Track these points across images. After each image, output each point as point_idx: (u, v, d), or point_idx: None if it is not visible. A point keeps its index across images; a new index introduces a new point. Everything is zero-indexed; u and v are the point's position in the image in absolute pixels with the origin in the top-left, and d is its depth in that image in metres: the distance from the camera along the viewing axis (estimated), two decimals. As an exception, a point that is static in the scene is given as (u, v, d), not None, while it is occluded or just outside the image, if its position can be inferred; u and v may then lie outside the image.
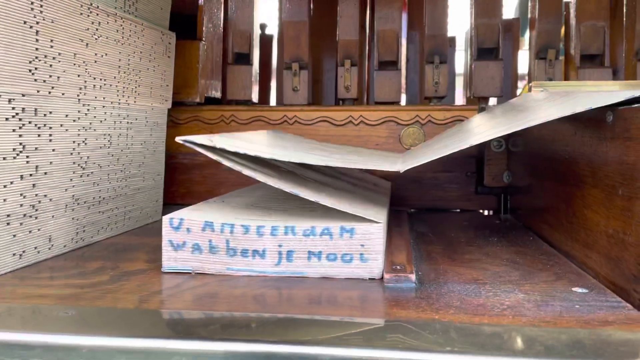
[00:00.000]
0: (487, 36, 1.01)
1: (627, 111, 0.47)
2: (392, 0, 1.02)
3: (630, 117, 0.47)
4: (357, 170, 0.92)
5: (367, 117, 1.01)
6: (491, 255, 0.64)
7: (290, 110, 1.03)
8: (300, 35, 1.03)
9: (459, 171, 1.01)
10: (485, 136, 0.60)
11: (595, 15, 0.98)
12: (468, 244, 0.71)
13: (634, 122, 0.46)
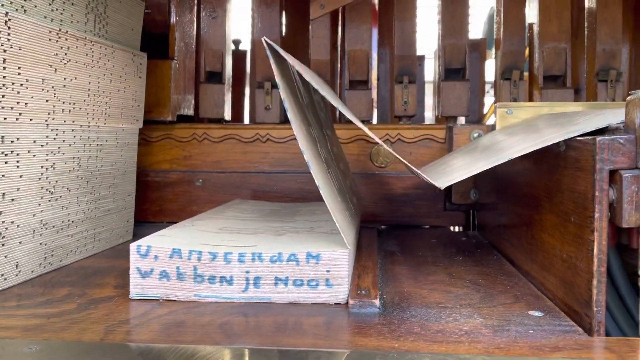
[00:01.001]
0: (454, 57, 1.03)
1: (577, 142, 0.50)
2: (362, 22, 1.04)
3: (580, 148, 0.49)
4: (350, 178, 0.94)
5: (339, 135, 1.03)
6: (455, 275, 0.66)
7: (263, 129, 1.04)
8: (272, 55, 1.04)
9: (429, 188, 1.03)
10: (514, 152, 0.59)
11: (557, 38, 1.01)
12: (434, 264, 0.72)
13: (583, 154, 0.48)
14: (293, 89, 0.66)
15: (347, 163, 1.00)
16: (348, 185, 0.86)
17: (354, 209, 0.79)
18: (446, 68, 1.04)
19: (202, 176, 1.05)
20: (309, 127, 0.68)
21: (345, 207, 0.69)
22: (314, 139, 0.68)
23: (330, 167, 0.72)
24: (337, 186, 0.70)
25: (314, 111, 0.80)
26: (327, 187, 0.58)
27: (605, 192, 0.46)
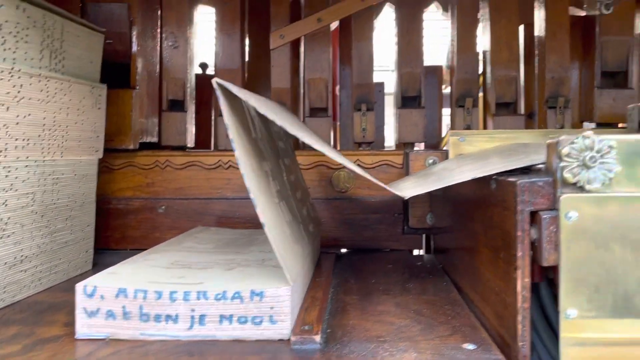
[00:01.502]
0: (410, 85, 1.07)
1: (504, 182, 0.52)
2: (322, 51, 1.07)
3: (505, 188, 0.52)
4: (308, 205, 0.95)
5: (300, 162, 1.05)
6: (402, 305, 0.68)
7: (225, 155, 1.06)
8: (234, 83, 1.06)
9: (388, 212, 1.06)
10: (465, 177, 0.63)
11: (507, 66, 1.05)
12: (385, 292, 0.75)
13: (508, 194, 0.51)
14: (245, 124, 0.68)
15: (306, 189, 1.02)
16: (305, 213, 0.88)
17: (309, 238, 0.81)
18: (402, 96, 1.07)
19: (165, 203, 1.06)
20: (262, 161, 0.70)
21: (296, 240, 0.70)
22: (266, 174, 0.69)
23: (283, 199, 0.74)
24: (288, 219, 0.72)
25: (271, 142, 0.82)
26: (273, 224, 0.60)
27: (527, 232, 0.48)
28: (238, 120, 0.62)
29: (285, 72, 1.07)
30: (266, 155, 0.74)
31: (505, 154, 0.71)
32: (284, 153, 0.93)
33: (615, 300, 0.46)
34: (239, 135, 0.60)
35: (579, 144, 0.46)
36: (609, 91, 1.06)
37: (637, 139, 0.47)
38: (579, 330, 0.47)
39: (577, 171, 0.46)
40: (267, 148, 0.76)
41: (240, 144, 0.59)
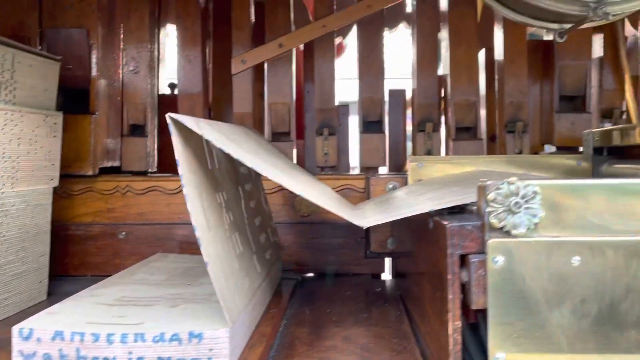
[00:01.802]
0: (371, 110, 1.07)
1: (438, 223, 0.53)
2: (283, 76, 1.08)
3: (439, 229, 0.52)
4: (269, 231, 0.95)
5: (264, 186, 1.05)
6: (350, 339, 0.68)
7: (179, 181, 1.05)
8: (195, 107, 1.07)
9: (350, 237, 1.06)
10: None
11: (467, 92, 1.06)
12: (337, 324, 0.74)
13: (441, 236, 0.51)
14: (202, 155, 0.67)
15: (268, 213, 1.01)
16: (262, 241, 0.88)
17: (264, 268, 0.81)
18: (364, 120, 1.08)
19: (125, 229, 1.06)
20: (217, 192, 0.69)
21: (246, 273, 0.70)
22: (219, 205, 0.69)
23: (237, 231, 0.74)
24: (240, 251, 0.71)
25: (231, 169, 0.81)
26: (219, 261, 0.60)
27: (457, 275, 0.49)
28: (192, 152, 0.62)
29: (247, 97, 1.07)
30: (224, 185, 0.74)
31: (465, 183, 0.71)
32: (246, 178, 0.93)
33: (541, 343, 0.47)
34: (191, 170, 0.60)
35: (505, 190, 0.47)
36: (567, 115, 1.08)
37: (560, 184, 0.47)
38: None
39: (503, 216, 0.47)
40: (225, 177, 0.76)
41: (191, 179, 0.59)
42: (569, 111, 1.09)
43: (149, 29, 1.07)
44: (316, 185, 0.89)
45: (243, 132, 0.88)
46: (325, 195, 0.83)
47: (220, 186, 0.71)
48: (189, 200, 0.57)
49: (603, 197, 0.47)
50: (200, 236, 0.57)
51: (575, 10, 0.81)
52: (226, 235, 0.68)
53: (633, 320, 0.46)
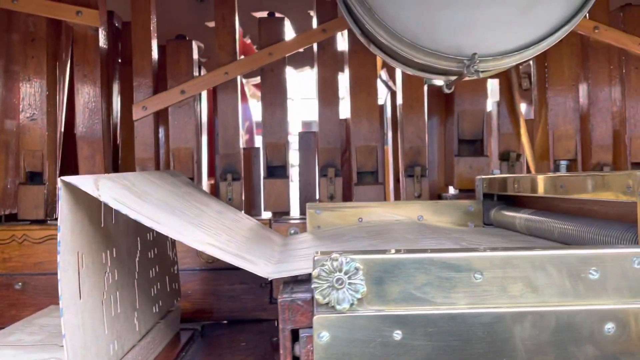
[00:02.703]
0: (275, 155, 1.08)
1: (281, 292, 0.53)
2: (186, 122, 1.08)
3: (280, 300, 0.52)
4: (167, 279, 0.93)
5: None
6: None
7: (87, 228, 1.03)
8: (95, 155, 1.05)
9: (255, 282, 1.06)
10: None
11: (367, 137, 1.09)
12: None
13: (281, 307, 0.51)
14: (97, 213, 0.65)
15: (171, 261, 0.99)
16: (155, 292, 0.85)
17: (147, 324, 0.80)
18: (268, 165, 1.08)
19: (22, 279, 1.02)
20: (103, 251, 0.67)
21: (117, 336, 0.69)
22: (101, 266, 0.67)
23: (120, 288, 0.72)
24: (116, 312, 0.70)
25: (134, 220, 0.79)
26: (81, 331, 0.59)
27: (289, 350, 0.49)
28: (84, 213, 0.60)
29: (149, 143, 1.06)
30: (117, 240, 0.72)
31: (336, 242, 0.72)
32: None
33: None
34: (73, 233, 0.58)
35: (328, 266, 0.48)
36: (465, 159, 1.12)
37: (383, 259, 0.49)
38: None
39: (327, 292, 0.48)
40: (123, 229, 0.74)
41: (68, 245, 0.57)
42: (467, 155, 1.12)
43: (48, 76, 1.05)
44: (231, 231, 0.87)
45: (158, 180, 0.86)
46: (232, 242, 0.82)
47: (111, 243, 0.70)
48: (61, 269, 0.56)
49: (423, 271, 0.49)
50: (63, 306, 0.56)
51: (453, 66, 0.85)
52: (102, 298, 0.66)
53: (455, 391, 0.48)
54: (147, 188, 0.77)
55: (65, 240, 0.56)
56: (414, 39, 0.84)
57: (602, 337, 0.48)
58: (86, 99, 1.05)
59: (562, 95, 1.08)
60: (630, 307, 0.48)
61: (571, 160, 1.10)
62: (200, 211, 0.88)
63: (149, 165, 1.07)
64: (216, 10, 1.07)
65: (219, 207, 0.98)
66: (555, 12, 0.84)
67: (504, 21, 0.84)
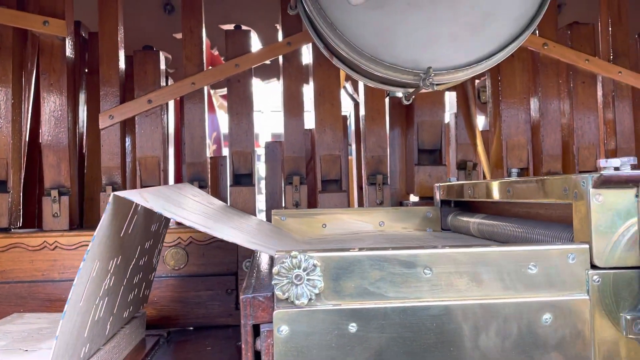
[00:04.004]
0: (241, 163, 1.11)
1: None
2: (153, 131, 1.09)
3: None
4: (143, 286, 0.93)
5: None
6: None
7: (51, 236, 1.03)
8: (61, 162, 1.05)
9: (221, 289, 1.07)
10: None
11: (331, 147, 1.12)
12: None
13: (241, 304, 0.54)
14: (122, 222, 0.68)
15: (153, 267, 0.98)
16: (130, 298, 0.86)
17: (114, 328, 0.80)
18: (235, 173, 1.11)
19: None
20: (112, 259, 0.69)
21: (91, 340, 0.70)
22: (106, 273, 0.68)
23: (111, 294, 0.73)
24: (97, 317, 0.71)
25: (142, 229, 0.80)
26: (67, 335, 0.60)
27: (250, 345, 0.52)
28: (116, 223, 0.65)
29: (116, 151, 1.07)
30: (127, 248, 0.74)
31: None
32: (153, 235, 0.90)
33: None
34: (100, 243, 0.62)
35: (288, 263, 0.51)
36: (425, 167, 1.16)
37: (339, 256, 0.52)
38: None
39: (286, 288, 0.51)
40: (133, 238, 0.76)
41: (94, 252, 0.61)
42: (427, 164, 1.17)
43: (14, 84, 1.05)
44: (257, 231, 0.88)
45: (180, 190, 0.89)
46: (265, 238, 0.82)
47: (121, 250, 0.72)
48: (79, 275, 0.59)
49: (378, 267, 0.52)
50: (67, 310, 0.58)
51: (410, 79, 0.90)
52: (94, 303, 0.68)
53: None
54: (178, 198, 0.79)
55: (94, 249, 0.59)
56: (374, 53, 0.88)
57: (541, 327, 0.52)
58: (52, 108, 1.05)
59: (514, 107, 1.15)
60: (565, 299, 0.53)
61: (523, 169, 1.16)
62: (228, 216, 0.90)
63: (115, 174, 1.08)
64: (183, 22, 1.10)
65: (235, 211, 1.00)
66: (504, 30, 0.90)
67: (458, 38, 0.89)
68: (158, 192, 0.75)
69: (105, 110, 1.07)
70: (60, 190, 1.05)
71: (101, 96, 1.08)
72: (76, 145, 1.12)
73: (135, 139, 1.10)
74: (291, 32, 1.11)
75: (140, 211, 0.75)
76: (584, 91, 1.15)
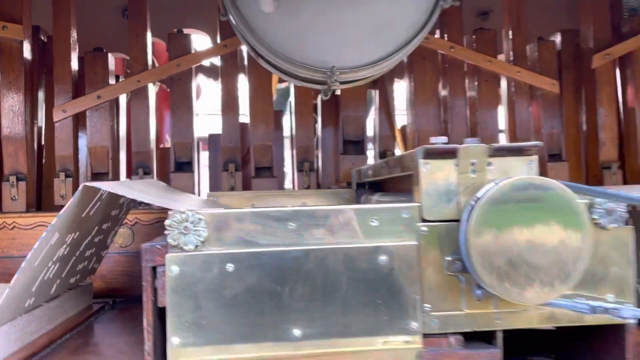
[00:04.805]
0: (183, 152, 1.24)
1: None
2: (103, 123, 1.22)
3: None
4: (93, 260, 1.06)
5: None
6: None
7: (9, 217, 1.16)
8: (19, 152, 1.18)
9: (163, 264, 1.20)
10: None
11: (264, 137, 1.26)
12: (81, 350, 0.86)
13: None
14: (86, 205, 0.80)
15: (107, 245, 1.10)
16: (79, 268, 0.99)
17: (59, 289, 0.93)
18: (177, 161, 1.24)
19: None
20: (69, 233, 0.81)
21: (37, 294, 0.82)
22: (62, 243, 0.80)
23: (62, 261, 0.85)
24: (47, 278, 0.83)
25: (103, 214, 0.92)
26: (18, 285, 0.73)
27: (150, 282, 0.65)
28: (80, 205, 0.77)
29: (68, 142, 1.20)
30: (85, 226, 0.87)
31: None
32: (112, 219, 1.03)
33: (207, 331, 0.64)
34: (61, 220, 0.74)
35: (178, 217, 0.64)
36: (349, 157, 1.31)
37: (221, 213, 0.66)
38: (179, 354, 0.63)
39: (177, 237, 0.64)
40: (93, 219, 0.88)
41: (56, 226, 0.73)
42: (351, 153, 1.32)
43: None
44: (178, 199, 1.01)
45: (147, 184, 1.03)
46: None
47: (80, 227, 0.85)
48: (40, 242, 0.72)
49: (252, 222, 0.66)
50: (24, 266, 0.70)
51: (320, 77, 1.04)
52: (46, 266, 0.80)
53: (274, 313, 0.65)
54: (139, 186, 0.93)
55: (57, 223, 0.72)
56: (288, 54, 1.03)
57: (379, 265, 0.66)
58: (10, 103, 1.18)
59: (425, 103, 1.30)
60: (399, 244, 0.67)
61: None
62: (168, 192, 1.03)
63: (68, 162, 1.21)
64: (130, 27, 1.24)
65: (178, 191, 1.13)
66: (400, 35, 1.05)
67: (360, 42, 1.04)
68: (123, 183, 0.87)
69: (59, 105, 1.20)
70: (18, 176, 1.18)
71: (55, 93, 1.21)
72: (34, 137, 1.25)
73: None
74: (227, 36, 1.25)
75: (104, 198, 0.88)
76: (487, 89, 1.31)
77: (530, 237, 0.62)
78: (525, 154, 0.69)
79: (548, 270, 0.62)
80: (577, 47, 1.36)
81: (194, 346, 0.64)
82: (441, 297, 0.67)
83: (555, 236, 0.62)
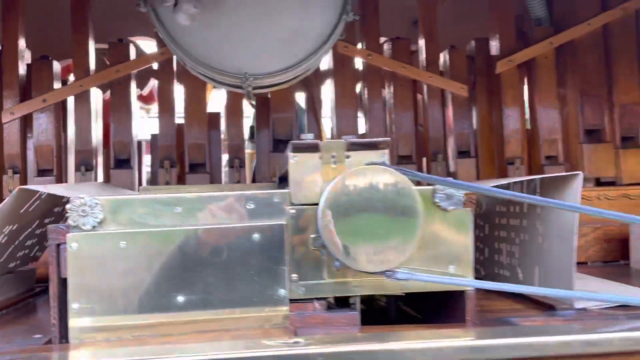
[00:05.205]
0: (122, 150, 1.36)
1: (60, 227, 0.81)
2: (48, 123, 1.34)
3: (57, 230, 0.80)
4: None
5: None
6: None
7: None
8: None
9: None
10: None
11: (197, 136, 1.38)
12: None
13: (54, 234, 0.79)
14: (23, 204, 0.90)
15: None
16: (20, 255, 1.10)
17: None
18: (116, 159, 1.36)
19: None
20: (8, 225, 0.91)
21: None
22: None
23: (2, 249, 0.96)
24: None
25: (42, 211, 1.00)
26: None
27: (54, 258, 0.77)
28: (16, 203, 0.87)
29: (16, 141, 1.32)
30: (22, 221, 0.96)
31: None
32: (57, 215, 1.13)
33: (102, 299, 0.75)
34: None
35: (79, 202, 0.76)
36: (279, 154, 1.43)
37: (115, 199, 0.77)
38: (78, 317, 0.75)
39: (76, 218, 0.76)
40: (31, 215, 0.98)
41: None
42: (281, 151, 1.44)
43: None
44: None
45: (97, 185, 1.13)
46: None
47: (18, 221, 0.95)
48: None
49: (143, 205, 0.78)
50: None
51: (237, 82, 1.17)
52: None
53: (161, 283, 0.76)
54: (75, 186, 1.03)
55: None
56: (207, 61, 1.15)
57: (252, 242, 0.78)
58: (-38, 106, 1.29)
59: (346, 107, 1.43)
60: (271, 224, 0.79)
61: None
62: (93, 188, 1.14)
63: (15, 161, 1.32)
64: (73, 37, 1.35)
65: (113, 189, 1.24)
66: (309, 45, 1.17)
67: (272, 50, 1.17)
68: (62, 185, 0.98)
69: (7, 108, 1.32)
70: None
71: (4, 97, 1.32)
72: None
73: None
74: (164, 44, 1.37)
75: (44, 197, 0.98)
76: (402, 93, 1.44)
77: (368, 216, 0.75)
78: (379, 148, 0.81)
79: (385, 244, 0.75)
80: (488, 54, 1.49)
81: (91, 310, 0.76)
82: (307, 268, 0.79)
83: (389, 214, 0.75)
